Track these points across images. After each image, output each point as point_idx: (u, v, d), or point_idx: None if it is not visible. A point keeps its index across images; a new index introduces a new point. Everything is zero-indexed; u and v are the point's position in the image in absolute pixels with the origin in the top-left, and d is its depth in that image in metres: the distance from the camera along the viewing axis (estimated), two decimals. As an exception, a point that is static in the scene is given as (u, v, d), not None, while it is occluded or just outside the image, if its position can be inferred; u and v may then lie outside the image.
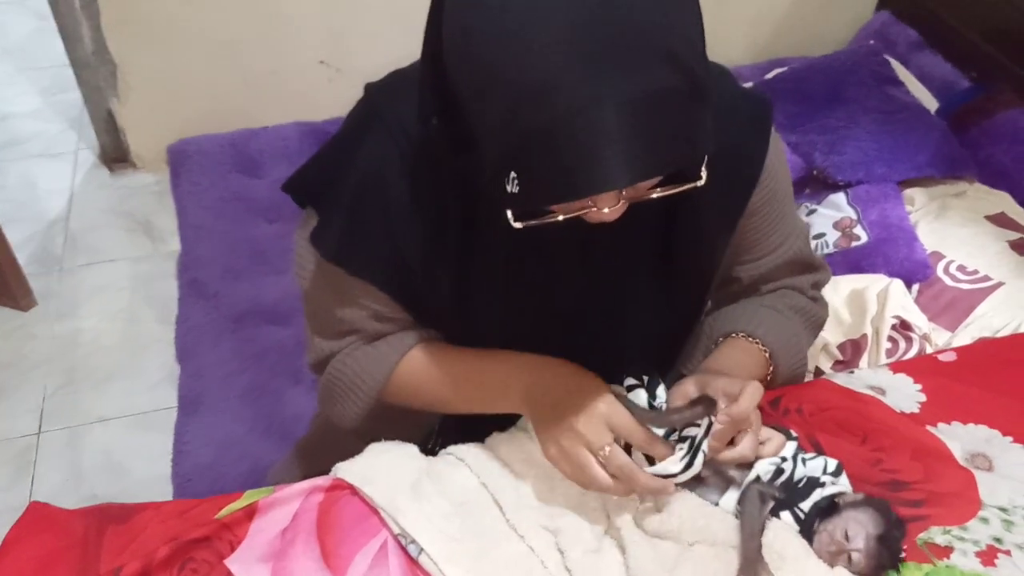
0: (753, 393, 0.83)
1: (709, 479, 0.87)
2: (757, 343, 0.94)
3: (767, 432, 0.88)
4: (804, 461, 0.89)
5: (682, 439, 0.84)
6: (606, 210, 0.70)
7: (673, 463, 0.82)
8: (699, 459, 0.82)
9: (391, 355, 0.93)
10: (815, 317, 1.03)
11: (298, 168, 0.90)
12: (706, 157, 0.70)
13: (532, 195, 0.65)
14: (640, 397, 0.88)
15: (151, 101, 2.31)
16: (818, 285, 1.04)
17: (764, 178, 0.90)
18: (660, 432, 0.85)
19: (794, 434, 0.91)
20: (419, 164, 0.82)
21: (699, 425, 0.83)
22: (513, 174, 0.64)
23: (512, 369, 0.89)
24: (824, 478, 0.87)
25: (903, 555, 0.84)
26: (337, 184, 0.85)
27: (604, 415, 0.82)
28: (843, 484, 0.89)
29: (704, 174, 0.71)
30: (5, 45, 2.98)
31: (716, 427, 0.82)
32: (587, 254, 0.88)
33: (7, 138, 2.56)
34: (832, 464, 0.89)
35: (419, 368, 0.93)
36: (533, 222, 0.71)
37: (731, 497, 0.87)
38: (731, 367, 0.91)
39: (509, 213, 0.71)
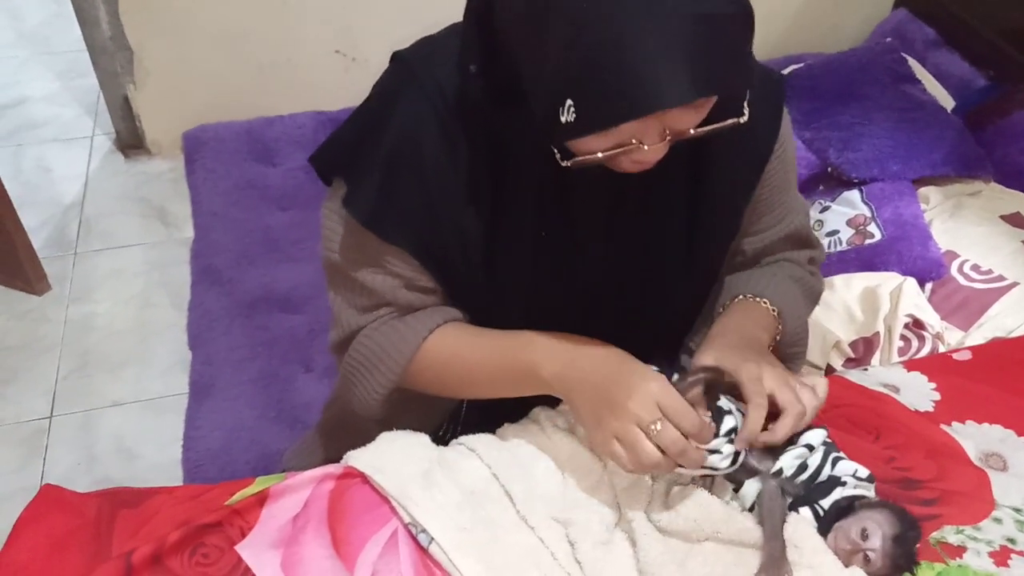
0: (802, 409, 0.82)
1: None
2: (765, 303, 0.94)
3: (809, 380, 0.86)
4: (834, 463, 0.87)
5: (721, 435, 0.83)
6: (646, 147, 0.70)
7: (720, 460, 0.82)
8: (742, 453, 0.83)
9: (420, 331, 0.91)
10: (812, 289, 1.04)
11: (326, 139, 0.89)
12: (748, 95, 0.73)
13: (590, 120, 0.66)
14: None
15: (167, 88, 2.31)
16: (814, 261, 1.05)
17: (777, 147, 0.92)
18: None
19: (825, 428, 0.90)
20: (455, 123, 0.81)
21: (730, 412, 0.83)
22: (569, 101, 0.65)
23: (541, 352, 0.87)
24: (847, 479, 0.86)
25: (917, 558, 0.84)
26: (371, 148, 0.84)
27: (655, 393, 0.79)
28: (869, 492, 0.88)
29: (747, 111, 0.73)
30: (23, 29, 2.99)
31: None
32: (613, 220, 0.88)
33: (23, 122, 2.57)
34: (864, 471, 0.88)
35: (445, 347, 0.92)
36: (578, 159, 0.72)
37: (752, 486, 0.87)
38: (745, 325, 0.92)
39: (557, 152, 0.72)
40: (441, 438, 1.00)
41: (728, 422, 0.83)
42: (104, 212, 2.25)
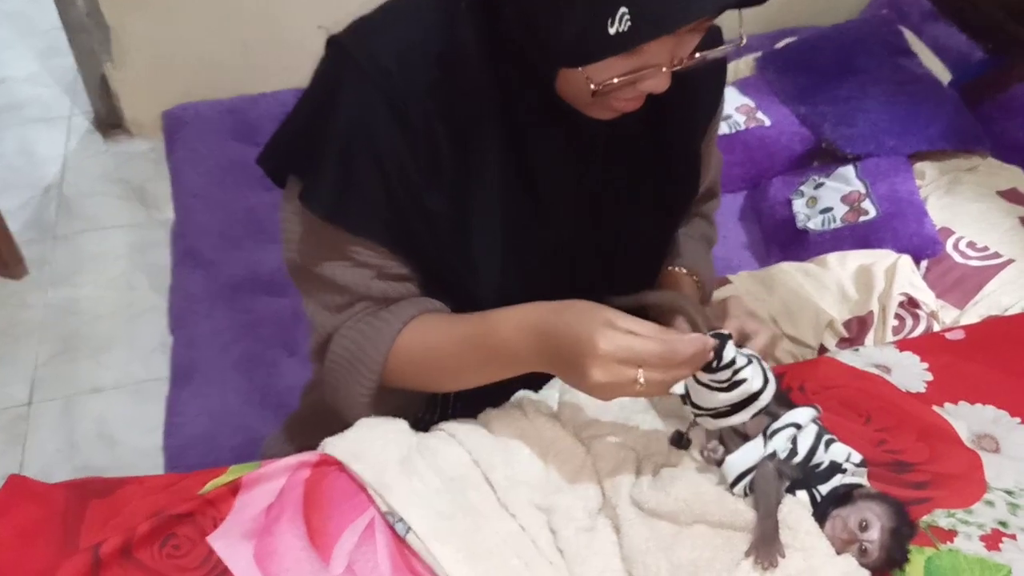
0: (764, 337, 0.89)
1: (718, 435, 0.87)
2: (694, 277, 1.03)
3: (753, 324, 0.89)
4: (827, 445, 0.85)
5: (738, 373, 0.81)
6: (664, 69, 0.74)
7: (757, 380, 0.81)
8: (771, 376, 0.83)
9: (394, 324, 0.89)
10: (712, 240, 1.13)
11: (271, 137, 0.87)
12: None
13: (651, 24, 0.67)
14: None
15: (146, 66, 2.27)
16: (716, 210, 1.14)
17: (722, 99, 0.97)
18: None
19: (818, 408, 0.88)
20: (403, 101, 0.80)
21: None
22: (623, 9, 0.66)
23: (518, 332, 0.84)
24: (847, 465, 0.84)
25: (909, 555, 0.82)
26: (321, 140, 0.82)
27: (611, 355, 0.75)
28: (863, 479, 0.86)
29: (744, 35, 0.78)
30: (2, 8, 2.94)
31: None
32: (579, 183, 0.88)
33: (2, 102, 2.53)
34: (857, 456, 0.86)
35: (420, 340, 0.89)
36: (599, 86, 0.74)
37: (738, 458, 0.84)
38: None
39: (586, 76, 0.74)
40: (421, 422, 0.97)
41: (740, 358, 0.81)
42: (83, 194, 2.22)
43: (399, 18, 0.82)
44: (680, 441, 0.88)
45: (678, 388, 0.84)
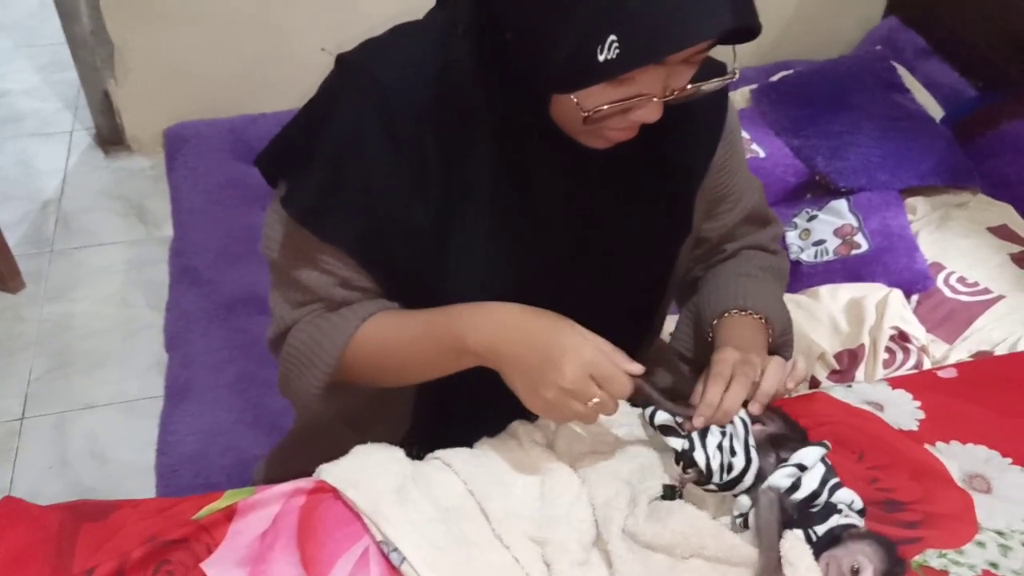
0: (775, 372, 0.90)
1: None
2: (751, 314, 0.98)
3: (746, 369, 0.89)
4: (832, 491, 0.86)
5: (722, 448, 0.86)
6: (655, 99, 0.74)
7: (739, 463, 0.85)
8: (753, 454, 0.85)
9: (352, 320, 0.90)
10: (781, 270, 1.09)
11: (269, 141, 0.89)
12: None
13: (638, 52, 0.67)
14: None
15: (149, 84, 2.28)
16: (776, 238, 1.10)
17: (726, 130, 0.95)
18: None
19: (827, 445, 0.89)
20: (398, 121, 0.81)
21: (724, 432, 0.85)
22: (612, 37, 0.66)
23: (467, 324, 0.85)
24: (842, 506, 0.85)
25: None
26: (311, 148, 0.84)
27: (589, 365, 0.81)
28: (860, 524, 0.86)
29: (737, 70, 0.78)
30: (5, 21, 2.95)
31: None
32: (571, 202, 0.88)
33: (2, 115, 2.53)
34: (859, 504, 0.87)
35: (378, 333, 0.90)
36: (589, 113, 0.74)
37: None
38: (743, 343, 0.94)
39: (576, 102, 0.74)
40: (405, 443, 0.97)
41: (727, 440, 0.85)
42: (82, 209, 2.22)
43: (404, 39, 0.85)
44: (672, 495, 0.89)
45: (677, 444, 0.87)
